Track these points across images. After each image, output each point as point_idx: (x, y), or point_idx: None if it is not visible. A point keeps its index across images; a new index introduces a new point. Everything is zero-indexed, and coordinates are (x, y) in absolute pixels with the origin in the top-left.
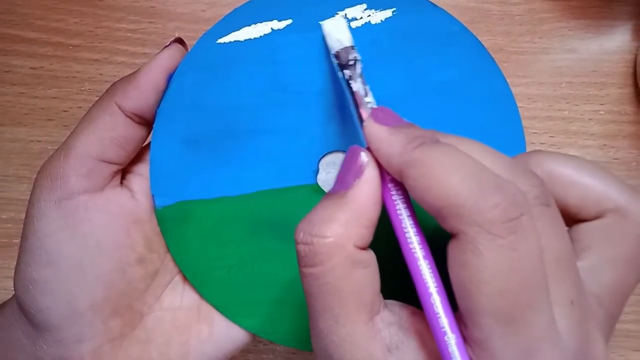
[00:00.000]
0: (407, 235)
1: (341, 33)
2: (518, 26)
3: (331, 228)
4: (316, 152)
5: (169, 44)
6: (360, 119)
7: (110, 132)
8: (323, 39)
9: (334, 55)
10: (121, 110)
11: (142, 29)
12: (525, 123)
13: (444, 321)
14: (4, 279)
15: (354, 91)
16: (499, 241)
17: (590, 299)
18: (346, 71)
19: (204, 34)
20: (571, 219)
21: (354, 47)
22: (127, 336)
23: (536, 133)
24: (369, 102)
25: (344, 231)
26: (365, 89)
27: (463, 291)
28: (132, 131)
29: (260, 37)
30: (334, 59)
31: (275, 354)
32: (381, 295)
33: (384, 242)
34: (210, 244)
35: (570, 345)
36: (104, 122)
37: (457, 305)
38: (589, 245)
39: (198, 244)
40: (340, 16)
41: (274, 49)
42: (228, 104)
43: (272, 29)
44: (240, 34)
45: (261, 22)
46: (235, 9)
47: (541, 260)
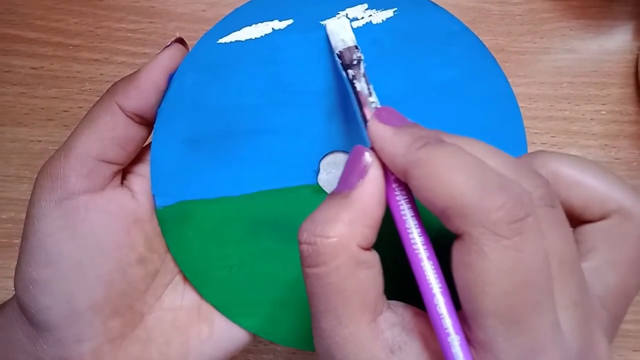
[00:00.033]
0: (411, 235)
1: (345, 33)
2: (519, 26)
3: (335, 228)
4: (317, 152)
5: (170, 44)
6: (364, 118)
7: (111, 132)
8: (326, 38)
9: (338, 55)
10: (122, 110)
11: (143, 29)
12: (526, 123)
13: (447, 322)
14: (4, 279)
15: (358, 91)
16: (504, 242)
17: (594, 301)
18: (350, 71)
19: (205, 34)
20: (575, 220)
21: (357, 47)
22: (127, 336)
23: (537, 133)
24: (372, 102)
25: (347, 231)
26: (369, 88)
27: (467, 292)
28: (133, 131)
29: (261, 37)
30: (337, 58)
31: (276, 354)
32: (384, 296)
33: (387, 243)
34: (210, 244)
35: (574, 347)
36: (104, 122)
37: (461, 306)
38: (593, 246)
39: (198, 244)
40: (347, 16)
41: (275, 49)
42: (229, 104)
43: (273, 28)
44: (241, 34)
45: (262, 22)
46: (236, 9)
47: (546, 261)
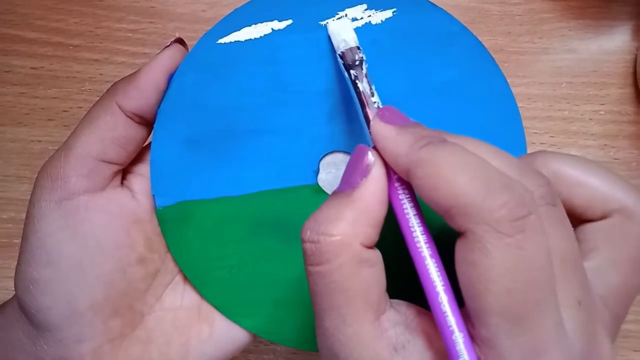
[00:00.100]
0: (414, 234)
1: (346, 33)
2: (518, 26)
3: (338, 227)
4: (317, 152)
5: (170, 44)
6: (367, 118)
7: (111, 132)
8: (327, 39)
9: (340, 56)
10: (122, 110)
11: (143, 29)
12: (525, 123)
13: (451, 320)
14: (5, 279)
15: (360, 91)
16: (507, 240)
17: (596, 300)
18: (352, 71)
19: (205, 34)
20: (577, 219)
21: (359, 48)
22: (128, 336)
23: (536, 133)
24: (375, 102)
25: (350, 230)
26: (371, 88)
27: (470, 290)
28: (133, 131)
29: (261, 37)
30: (339, 59)
31: (276, 354)
32: (387, 294)
33: (390, 241)
34: (211, 244)
35: (577, 346)
36: (104, 122)
37: (464, 304)
38: (595, 245)
39: (199, 244)
40: (346, 17)
41: (275, 49)
42: (229, 104)
43: (273, 29)
44: (240, 34)
45: (262, 23)
46: (235, 9)
47: (549, 259)
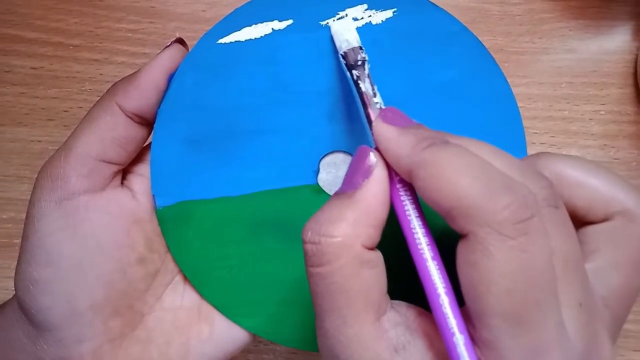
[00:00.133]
0: (416, 235)
1: (349, 34)
2: (518, 26)
3: (339, 228)
4: (317, 152)
5: (170, 44)
6: (369, 119)
7: (111, 132)
8: (329, 39)
9: (342, 56)
10: (122, 110)
11: (143, 29)
12: (525, 123)
13: (452, 322)
14: (5, 279)
15: (363, 91)
16: (509, 242)
17: (598, 301)
18: (354, 71)
19: (205, 34)
20: (579, 221)
21: (361, 48)
22: (128, 336)
23: (537, 133)
24: (377, 103)
25: (352, 231)
26: (373, 89)
27: (472, 292)
28: (133, 131)
29: (261, 38)
30: (341, 59)
31: (276, 354)
32: (388, 295)
33: (391, 243)
34: (211, 244)
35: (578, 347)
36: (104, 122)
37: (466, 306)
38: (597, 247)
39: (199, 244)
40: (347, 16)
41: (275, 49)
42: (229, 104)
43: (273, 29)
44: (241, 34)
45: (262, 23)
46: (235, 9)
47: (551, 261)
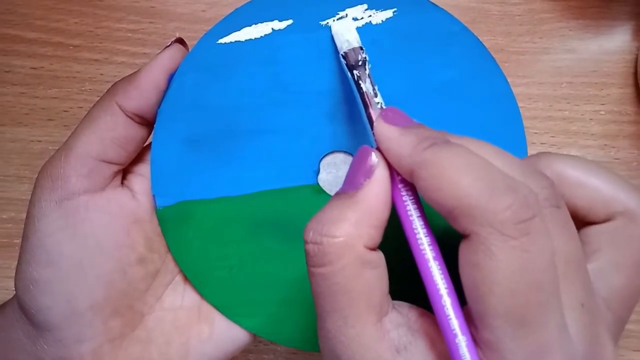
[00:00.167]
0: (418, 236)
1: (349, 34)
2: (518, 26)
3: (341, 228)
4: (317, 152)
5: (170, 44)
6: (370, 119)
7: (111, 132)
8: (330, 39)
9: (343, 56)
10: (122, 110)
11: (143, 29)
12: (525, 123)
13: (454, 323)
14: (5, 279)
15: (363, 92)
16: (511, 242)
17: (599, 302)
18: (355, 72)
19: (205, 34)
20: (580, 221)
21: (362, 48)
22: (128, 336)
23: (537, 133)
24: (378, 103)
25: (354, 231)
26: (374, 89)
27: (474, 292)
28: (133, 131)
29: (261, 37)
30: (342, 59)
31: (276, 354)
32: (389, 296)
33: (393, 243)
34: (211, 244)
35: (580, 348)
36: (104, 122)
37: (468, 306)
38: (598, 247)
39: (199, 244)
40: (347, 16)
41: (275, 49)
42: (229, 104)
43: (273, 29)
44: (241, 34)
45: (262, 22)
46: (235, 9)
47: (553, 261)
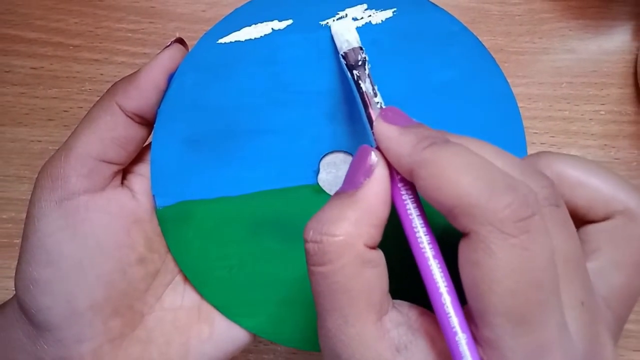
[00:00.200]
0: (417, 234)
1: (349, 34)
2: (518, 26)
3: (341, 227)
4: (317, 152)
5: (170, 44)
6: (370, 119)
7: (111, 132)
8: (329, 39)
9: (342, 56)
10: (122, 110)
11: (143, 29)
12: (525, 123)
13: (454, 321)
14: (5, 279)
15: (363, 91)
16: (511, 240)
17: (599, 301)
18: (355, 72)
19: (205, 34)
20: (579, 220)
21: (362, 48)
22: (128, 336)
23: (537, 133)
24: (378, 102)
25: (353, 230)
26: (374, 89)
27: (474, 291)
28: (133, 131)
29: (261, 37)
30: (342, 59)
31: (276, 354)
32: (389, 295)
33: (393, 242)
34: (211, 244)
35: (580, 347)
36: (104, 122)
37: (468, 304)
38: (598, 247)
39: (199, 244)
40: (347, 16)
41: (275, 49)
42: (229, 104)
43: (273, 29)
44: (240, 34)
45: (262, 22)
46: (235, 9)
47: (552, 260)
